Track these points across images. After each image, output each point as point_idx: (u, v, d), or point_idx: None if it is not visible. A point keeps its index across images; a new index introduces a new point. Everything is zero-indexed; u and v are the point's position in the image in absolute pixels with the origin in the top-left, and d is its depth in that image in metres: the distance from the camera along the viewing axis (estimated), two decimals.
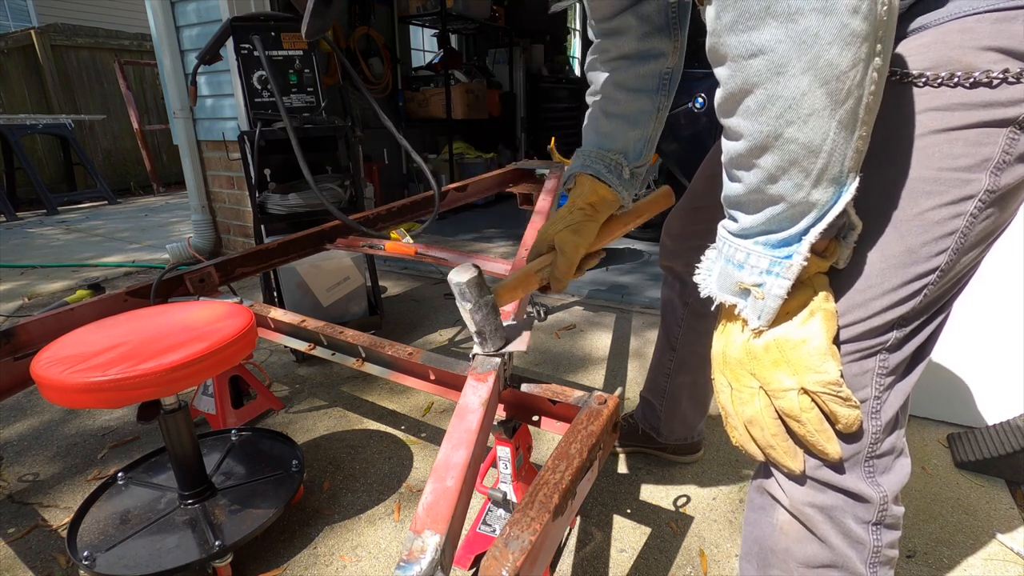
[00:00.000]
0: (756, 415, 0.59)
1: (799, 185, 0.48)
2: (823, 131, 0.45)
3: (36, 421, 1.70)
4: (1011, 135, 0.50)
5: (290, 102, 1.96)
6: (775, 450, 0.59)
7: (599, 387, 1.84)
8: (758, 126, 0.47)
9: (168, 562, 1.03)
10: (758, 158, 0.49)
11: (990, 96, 0.50)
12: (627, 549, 1.18)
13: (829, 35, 0.42)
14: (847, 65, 0.43)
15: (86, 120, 6.22)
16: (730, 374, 0.61)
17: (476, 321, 0.79)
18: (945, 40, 0.51)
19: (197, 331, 0.99)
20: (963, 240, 0.54)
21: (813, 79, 0.43)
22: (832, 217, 0.50)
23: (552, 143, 3.04)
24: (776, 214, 0.51)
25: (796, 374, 0.55)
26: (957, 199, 0.52)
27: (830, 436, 0.57)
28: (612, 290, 2.66)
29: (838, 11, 0.41)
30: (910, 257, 0.55)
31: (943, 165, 0.52)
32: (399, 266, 3.15)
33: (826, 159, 0.47)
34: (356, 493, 1.36)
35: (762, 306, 0.55)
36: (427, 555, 0.55)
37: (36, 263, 3.51)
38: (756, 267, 0.54)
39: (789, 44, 0.43)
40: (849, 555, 0.62)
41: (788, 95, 0.45)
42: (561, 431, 0.84)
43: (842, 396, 0.55)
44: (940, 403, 1.59)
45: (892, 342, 0.58)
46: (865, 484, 0.61)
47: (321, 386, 1.87)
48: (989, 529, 1.21)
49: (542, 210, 1.51)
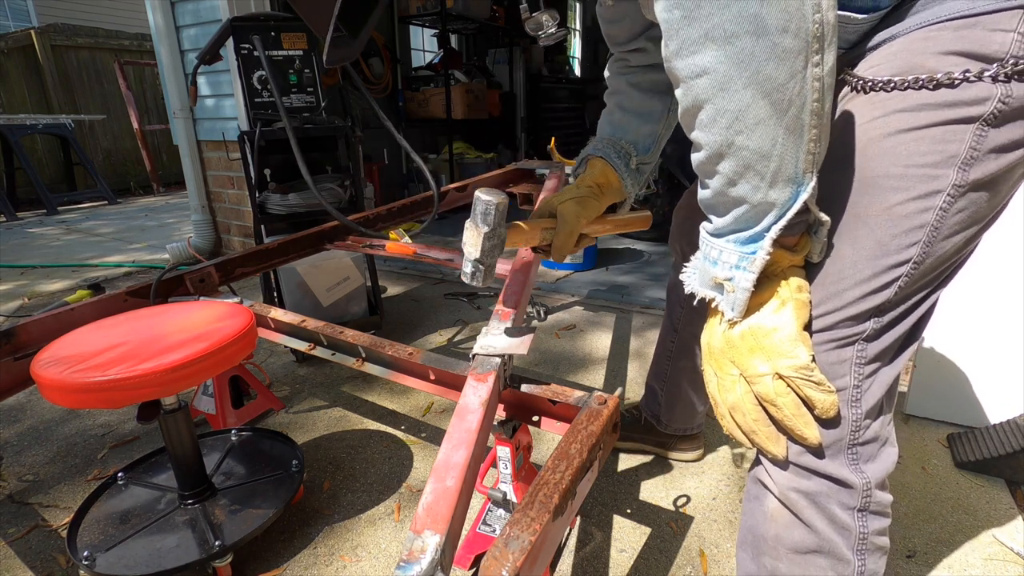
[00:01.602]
0: (738, 401, 0.62)
1: (756, 187, 0.53)
2: (771, 137, 0.50)
3: (36, 421, 1.70)
4: (978, 131, 0.53)
5: (290, 102, 1.96)
6: (758, 435, 0.63)
7: (599, 387, 1.84)
8: (712, 136, 0.53)
9: (168, 562, 1.03)
10: (717, 165, 0.54)
11: (953, 96, 0.53)
12: (627, 549, 1.18)
13: (763, 53, 0.47)
14: (784, 78, 0.48)
15: (86, 120, 6.22)
16: (714, 363, 0.65)
17: (483, 249, 0.74)
18: (911, 48, 0.55)
19: (197, 331, 0.99)
20: (934, 233, 0.56)
21: (755, 92, 0.48)
22: (791, 215, 0.54)
23: (552, 143, 3.04)
24: (741, 214, 0.56)
25: (770, 360, 0.59)
26: (924, 194, 0.55)
27: (808, 421, 0.60)
28: (612, 290, 2.67)
29: (769, 32, 0.46)
30: (881, 249, 0.58)
31: (910, 162, 0.55)
32: (399, 266, 3.15)
33: (778, 162, 0.51)
34: (356, 493, 1.36)
35: (733, 299, 0.60)
36: (427, 555, 0.55)
37: (36, 263, 3.51)
38: (727, 263, 0.59)
39: (729, 64, 0.48)
40: (835, 540, 0.64)
41: (734, 108, 0.50)
42: (561, 431, 0.84)
43: (814, 380, 0.59)
44: (940, 403, 1.59)
45: (869, 332, 0.60)
46: (848, 471, 0.62)
47: (321, 386, 1.87)
48: (989, 529, 1.21)
49: None
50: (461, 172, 4.83)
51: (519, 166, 2.01)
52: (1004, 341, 1.46)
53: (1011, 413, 1.46)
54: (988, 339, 1.48)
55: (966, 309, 1.50)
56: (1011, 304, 1.44)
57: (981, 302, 1.47)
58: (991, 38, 0.51)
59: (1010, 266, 1.43)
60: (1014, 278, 1.43)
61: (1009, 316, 1.45)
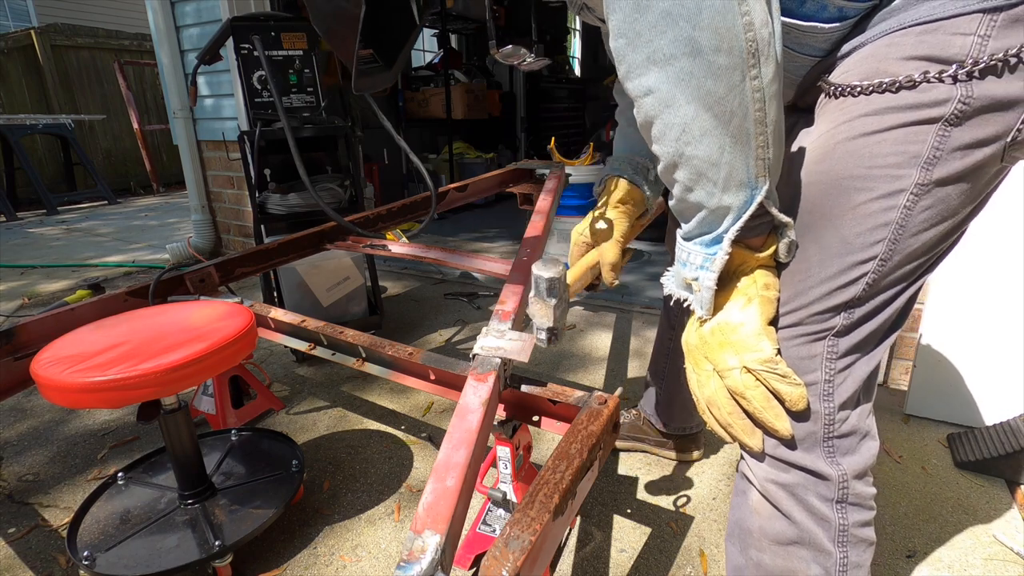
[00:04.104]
0: (712, 395, 0.65)
1: (711, 193, 0.57)
2: (718, 146, 0.54)
3: (36, 421, 1.70)
4: (941, 132, 0.55)
5: (290, 102, 1.96)
6: (733, 428, 0.65)
7: (599, 387, 1.84)
8: (665, 148, 0.57)
9: (168, 562, 1.03)
10: (673, 174, 0.58)
11: (914, 98, 0.55)
12: (627, 549, 1.18)
13: (701, 71, 0.50)
14: (724, 92, 0.51)
15: (86, 120, 6.22)
16: (691, 360, 0.68)
17: (556, 317, 0.77)
18: (876, 54, 0.58)
19: (197, 331, 0.99)
20: (900, 231, 0.58)
21: (698, 107, 0.52)
22: (747, 216, 0.57)
23: (552, 143, 3.04)
24: (703, 218, 0.60)
25: (737, 353, 0.62)
26: (888, 193, 0.57)
27: (778, 413, 0.62)
28: (612, 290, 2.66)
29: (704, 52, 0.50)
30: (845, 247, 0.60)
31: (873, 163, 0.57)
32: (399, 266, 3.15)
33: (728, 168, 0.55)
34: (356, 493, 1.36)
35: (701, 297, 0.64)
36: (427, 555, 0.55)
37: (36, 263, 3.51)
38: (694, 264, 0.63)
39: (670, 83, 0.52)
40: (815, 532, 0.65)
41: (679, 122, 0.53)
42: (561, 431, 0.84)
43: (779, 373, 0.61)
44: (940, 403, 1.59)
45: (840, 327, 0.62)
46: (824, 463, 0.64)
47: (321, 386, 1.87)
48: (989, 529, 1.21)
49: (542, 210, 1.51)
50: (461, 172, 4.83)
51: (519, 166, 2.00)
52: (1004, 341, 1.46)
53: (1011, 413, 1.46)
54: (988, 339, 1.48)
55: (966, 309, 1.50)
56: (1011, 304, 1.44)
57: (981, 302, 1.47)
58: (951, 41, 0.53)
59: (1010, 266, 1.43)
60: (1014, 278, 1.43)
61: (1009, 316, 1.45)
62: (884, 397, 1.74)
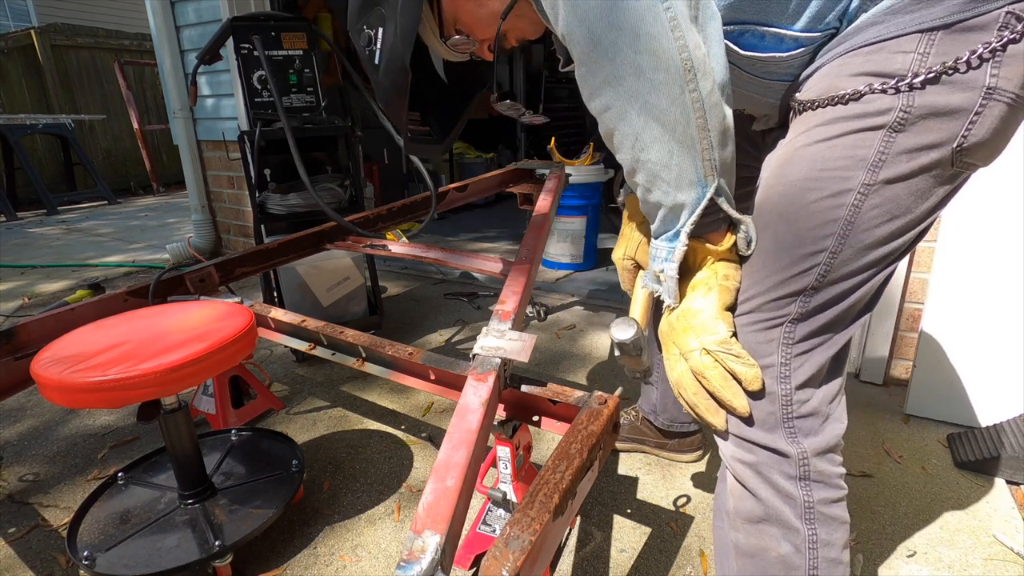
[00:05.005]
0: (679, 377, 0.71)
1: (666, 192, 0.64)
2: (667, 150, 0.61)
3: (36, 421, 1.70)
4: (886, 137, 0.61)
5: (290, 102, 1.96)
6: (699, 407, 0.70)
7: (599, 387, 1.84)
8: (624, 156, 0.65)
9: (168, 562, 1.03)
10: (634, 178, 0.67)
11: (861, 108, 0.62)
12: (627, 549, 1.18)
13: (645, 88, 0.59)
14: (666, 104, 0.59)
15: (86, 120, 6.22)
16: (664, 346, 0.74)
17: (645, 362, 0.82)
18: (830, 73, 0.65)
19: (197, 331, 0.99)
20: (848, 226, 0.64)
21: (646, 118, 0.60)
22: (700, 211, 0.64)
23: (552, 143, 3.04)
24: (664, 216, 0.67)
25: (698, 336, 0.69)
26: (836, 192, 0.64)
27: (736, 392, 0.68)
28: (612, 290, 2.66)
29: (645, 72, 0.58)
30: (797, 240, 0.66)
31: (825, 166, 0.64)
32: (399, 266, 3.15)
33: (678, 170, 0.62)
34: (356, 493, 1.36)
35: (667, 287, 0.71)
36: (427, 555, 0.55)
37: (36, 263, 3.51)
38: (660, 257, 0.70)
39: (622, 100, 0.61)
40: (781, 509, 0.69)
41: (632, 132, 0.62)
42: (561, 431, 0.84)
43: (733, 353, 0.67)
44: (940, 403, 1.59)
45: (795, 314, 0.68)
46: (785, 442, 0.68)
47: (321, 386, 1.87)
48: (989, 529, 1.21)
49: (542, 210, 1.51)
50: (461, 172, 4.82)
51: (519, 166, 2.00)
52: (1004, 341, 1.46)
53: (1011, 413, 1.46)
54: (988, 339, 1.48)
55: (966, 309, 1.50)
56: (1011, 304, 1.44)
57: (981, 302, 1.47)
58: (893, 59, 0.60)
59: (1010, 266, 1.43)
60: (1014, 278, 1.43)
61: (1009, 316, 1.45)
62: (884, 397, 1.74)
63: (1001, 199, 1.40)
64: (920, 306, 1.68)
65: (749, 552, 0.72)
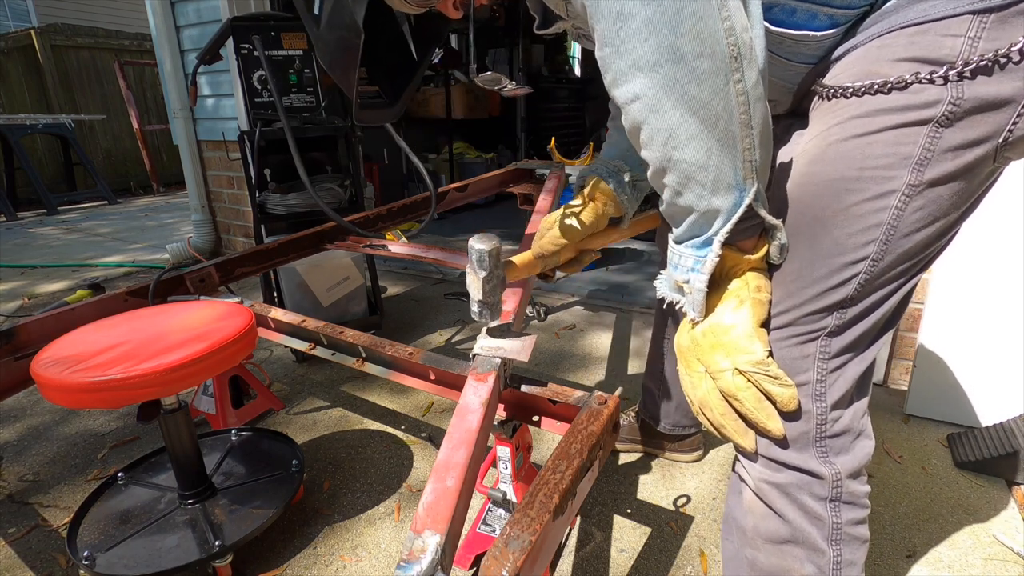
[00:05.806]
0: (705, 396, 0.65)
1: (700, 195, 0.57)
2: (705, 150, 0.54)
3: (36, 421, 1.70)
4: (932, 133, 0.55)
5: (290, 102, 1.96)
6: (726, 428, 0.65)
7: (599, 387, 1.84)
8: (653, 153, 0.57)
9: (168, 562, 1.03)
10: (663, 178, 0.59)
11: (905, 100, 0.55)
12: (627, 549, 1.18)
13: (685, 77, 0.51)
14: (708, 96, 0.52)
15: (86, 120, 6.22)
16: (684, 362, 0.68)
17: (485, 292, 0.78)
18: (867, 56, 0.58)
19: (197, 331, 0.99)
20: (891, 231, 0.58)
21: (683, 111, 0.53)
22: (737, 219, 0.57)
23: (552, 143, 3.03)
24: (693, 221, 0.60)
25: (729, 356, 0.62)
26: (879, 194, 0.57)
27: (770, 414, 0.63)
28: (612, 290, 2.66)
29: (686, 58, 0.50)
30: (837, 248, 0.60)
31: (865, 165, 0.58)
32: (399, 266, 3.15)
33: (715, 172, 0.55)
34: (356, 493, 1.36)
35: (692, 299, 0.64)
36: (427, 555, 0.55)
37: (36, 263, 3.51)
38: (684, 266, 0.63)
39: (656, 89, 0.52)
40: (809, 531, 0.65)
41: (666, 127, 0.54)
42: (561, 431, 0.84)
43: (771, 375, 0.61)
44: (940, 403, 1.59)
45: (832, 327, 0.62)
46: (817, 462, 0.64)
47: (321, 386, 1.87)
48: (989, 529, 1.21)
49: (542, 210, 1.51)
50: (461, 172, 4.82)
51: (519, 166, 2.01)
52: (1004, 341, 1.46)
53: (1011, 413, 1.46)
54: (988, 339, 1.48)
55: (966, 310, 1.50)
56: (1011, 305, 1.44)
57: (981, 303, 1.47)
58: (942, 43, 0.53)
59: (1010, 267, 1.43)
60: (1014, 279, 1.43)
61: (1009, 316, 1.45)
62: (884, 397, 1.74)
63: (1001, 199, 1.40)
64: (920, 306, 1.68)
65: (768, 572, 0.69)
